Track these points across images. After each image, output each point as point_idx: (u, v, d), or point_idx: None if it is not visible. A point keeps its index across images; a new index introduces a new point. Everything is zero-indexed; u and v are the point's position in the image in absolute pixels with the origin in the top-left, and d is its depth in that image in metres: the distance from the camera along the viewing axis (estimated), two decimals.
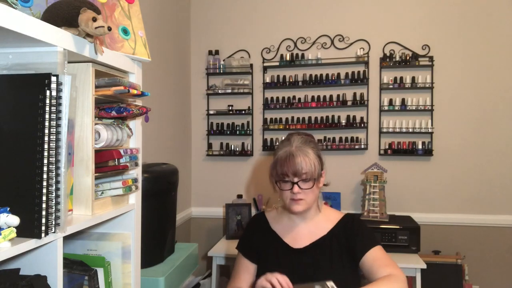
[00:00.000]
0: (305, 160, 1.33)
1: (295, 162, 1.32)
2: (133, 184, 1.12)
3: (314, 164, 1.34)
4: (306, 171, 1.32)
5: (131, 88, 1.03)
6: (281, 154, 1.37)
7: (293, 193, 1.34)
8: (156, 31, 2.56)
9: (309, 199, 1.36)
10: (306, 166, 1.32)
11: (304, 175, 1.33)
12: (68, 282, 1.03)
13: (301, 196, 1.34)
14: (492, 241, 2.86)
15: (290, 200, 1.36)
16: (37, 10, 0.90)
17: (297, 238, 1.43)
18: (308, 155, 1.34)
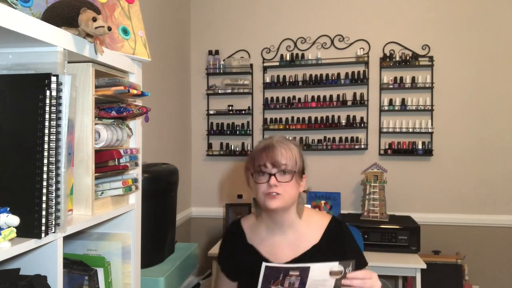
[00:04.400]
0: (286, 152, 1.23)
1: (275, 153, 1.22)
2: (133, 184, 1.12)
3: (295, 158, 1.24)
4: (285, 162, 1.21)
5: (131, 88, 1.03)
6: (260, 145, 1.27)
7: (270, 186, 1.21)
8: (156, 31, 2.56)
9: (286, 196, 1.22)
10: (286, 157, 1.22)
11: (284, 166, 1.21)
12: (68, 282, 1.03)
13: (278, 190, 1.21)
14: (492, 241, 2.86)
15: (266, 195, 1.22)
16: (37, 10, 0.90)
17: (277, 252, 1.29)
18: (290, 148, 1.25)
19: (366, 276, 1.09)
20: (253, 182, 1.28)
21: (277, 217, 1.29)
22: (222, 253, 1.41)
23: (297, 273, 1.02)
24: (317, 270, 1.03)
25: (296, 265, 1.04)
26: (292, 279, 1.03)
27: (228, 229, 1.45)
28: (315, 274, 1.03)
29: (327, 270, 1.04)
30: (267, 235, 1.32)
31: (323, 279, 1.04)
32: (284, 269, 1.03)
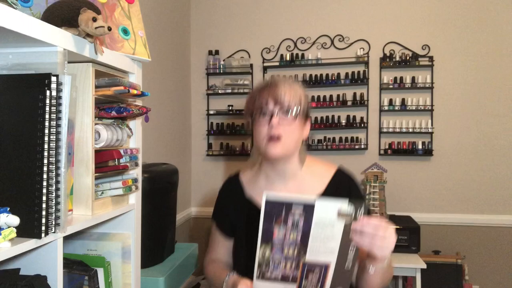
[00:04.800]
0: (289, 91, 1.13)
1: (278, 90, 1.13)
2: (133, 184, 1.12)
3: (300, 97, 1.15)
4: (288, 101, 1.12)
5: (131, 88, 1.03)
6: (261, 84, 1.19)
7: (271, 127, 1.12)
8: (156, 31, 2.56)
9: (288, 141, 1.13)
10: (290, 95, 1.13)
11: (287, 105, 1.12)
12: (68, 282, 1.03)
13: (280, 132, 1.11)
14: (492, 241, 2.86)
15: (267, 141, 1.13)
16: (37, 10, 0.90)
17: None
18: (294, 87, 1.16)
19: (381, 223, 0.94)
20: (252, 126, 1.19)
21: (278, 166, 1.20)
22: (218, 209, 1.34)
23: (301, 210, 0.93)
24: (323, 208, 0.93)
25: (299, 197, 0.93)
26: (296, 217, 0.93)
27: (225, 184, 1.36)
28: (321, 213, 0.93)
29: (335, 209, 0.93)
30: (267, 186, 1.24)
31: (330, 221, 0.93)
32: (286, 201, 0.93)
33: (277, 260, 0.98)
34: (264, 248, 0.98)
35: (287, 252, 0.97)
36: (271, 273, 1.00)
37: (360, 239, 0.94)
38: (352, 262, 0.98)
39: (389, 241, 0.94)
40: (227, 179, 1.36)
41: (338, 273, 0.98)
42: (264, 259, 0.98)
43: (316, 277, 0.99)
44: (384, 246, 0.94)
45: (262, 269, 0.99)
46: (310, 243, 0.96)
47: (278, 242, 0.97)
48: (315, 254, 0.96)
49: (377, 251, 0.95)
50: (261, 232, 0.96)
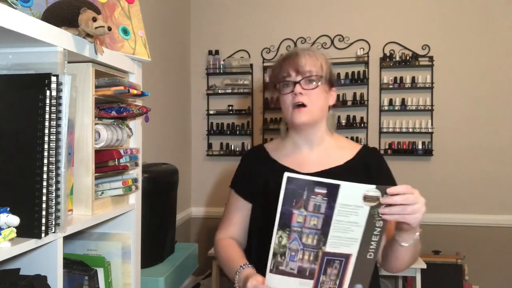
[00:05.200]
0: (311, 58, 1.15)
1: (298, 59, 1.14)
2: (133, 184, 1.12)
3: (321, 64, 1.16)
4: (310, 68, 1.13)
5: (131, 88, 1.03)
6: (282, 56, 1.20)
7: (295, 95, 1.13)
8: (156, 31, 2.56)
9: (314, 107, 1.13)
10: (311, 63, 1.14)
11: (308, 72, 1.13)
12: (68, 282, 1.03)
13: (304, 100, 1.12)
14: (492, 241, 2.86)
15: (292, 109, 1.14)
16: (37, 10, 0.90)
17: (304, 164, 1.18)
18: (315, 55, 1.17)
19: (408, 190, 0.89)
20: (278, 96, 1.20)
21: (306, 133, 1.19)
22: (240, 174, 1.30)
23: (324, 192, 0.85)
24: (348, 191, 0.85)
25: (324, 180, 0.85)
26: (318, 200, 0.85)
27: (249, 151, 1.36)
28: (345, 196, 0.85)
29: (361, 193, 0.86)
30: (293, 151, 1.22)
31: (355, 204, 0.86)
32: (308, 183, 0.85)
33: (294, 249, 0.90)
34: (281, 235, 0.89)
35: (305, 240, 0.89)
36: (287, 265, 0.91)
37: (390, 212, 0.87)
38: (375, 250, 0.91)
39: (420, 206, 0.90)
40: (250, 149, 1.37)
41: (359, 264, 0.91)
42: (279, 247, 0.89)
43: (335, 272, 0.91)
44: (416, 212, 0.89)
45: (277, 260, 0.90)
46: (332, 231, 0.88)
47: (296, 228, 0.88)
48: (336, 243, 0.89)
49: (410, 220, 0.89)
50: (279, 215, 0.87)
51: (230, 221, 1.26)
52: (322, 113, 1.17)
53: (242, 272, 1.05)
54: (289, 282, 0.92)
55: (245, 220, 1.25)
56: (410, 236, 0.96)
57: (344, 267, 0.91)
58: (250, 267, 1.06)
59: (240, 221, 1.25)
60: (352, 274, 0.91)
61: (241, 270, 1.06)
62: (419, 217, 0.90)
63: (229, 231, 1.25)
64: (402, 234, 0.96)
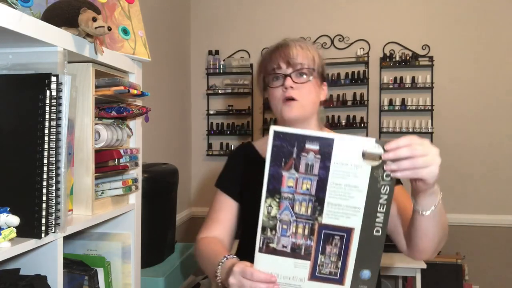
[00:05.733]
0: (303, 50, 1.08)
1: (289, 50, 1.07)
2: (133, 184, 1.12)
3: (314, 57, 1.09)
4: (302, 60, 1.06)
5: (131, 88, 1.03)
6: (271, 46, 1.14)
7: (285, 89, 1.05)
8: (156, 31, 2.56)
9: (304, 101, 1.07)
10: (302, 55, 1.07)
11: (300, 65, 1.06)
12: (68, 282, 1.03)
13: (295, 94, 1.05)
14: (492, 241, 2.86)
15: (282, 103, 1.06)
16: (37, 10, 0.90)
17: None
18: (307, 46, 1.10)
19: (413, 141, 0.73)
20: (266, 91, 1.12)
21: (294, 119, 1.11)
22: (227, 173, 1.22)
23: (316, 148, 0.73)
24: (344, 147, 0.73)
25: (314, 133, 0.74)
26: (310, 158, 0.74)
27: (237, 149, 1.28)
28: (342, 153, 0.73)
29: (359, 149, 0.73)
30: None
31: (353, 163, 0.74)
32: (297, 137, 0.74)
33: (286, 221, 0.77)
34: (270, 203, 0.77)
35: (298, 209, 0.76)
36: (278, 241, 0.78)
37: (398, 168, 0.73)
38: (382, 225, 0.76)
39: (433, 157, 0.74)
40: (238, 146, 1.28)
41: (365, 243, 0.76)
42: (269, 219, 0.77)
43: (335, 251, 0.77)
44: (430, 164, 0.74)
45: (267, 236, 0.77)
46: (328, 197, 0.75)
47: (287, 194, 0.76)
48: (335, 213, 0.76)
49: (424, 174, 0.74)
50: (266, 178, 0.75)
51: (215, 220, 1.15)
52: (313, 108, 1.11)
53: (226, 263, 0.91)
54: (281, 263, 0.78)
55: (232, 220, 1.15)
56: (430, 200, 0.82)
57: (346, 245, 0.77)
58: (235, 258, 0.92)
59: (226, 220, 1.14)
60: (357, 255, 0.77)
61: (225, 260, 0.92)
62: (435, 170, 0.74)
63: (213, 230, 1.13)
64: (420, 198, 0.83)
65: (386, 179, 0.74)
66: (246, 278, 0.78)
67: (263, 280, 0.77)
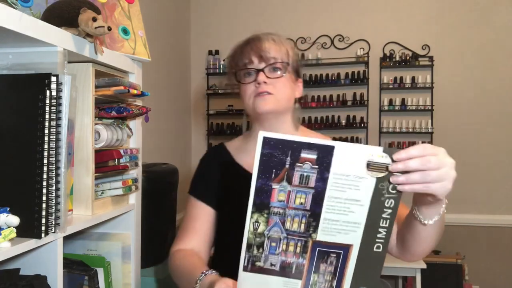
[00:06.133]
0: (276, 45, 1.02)
1: (261, 44, 1.01)
2: (133, 184, 1.12)
3: (287, 51, 1.03)
4: (275, 55, 1.00)
5: (131, 88, 1.03)
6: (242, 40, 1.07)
7: (258, 85, 0.99)
8: (156, 31, 2.56)
9: (279, 95, 0.99)
10: (276, 49, 1.01)
11: (273, 59, 1.00)
12: (68, 282, 1.02)
13: (269, 89, 0.98)
14: (492, 241, 2.86)
15: (254, 97, 0.99)
16: (37, 10, 0.90)
17: None
18: (281, 41, 1.04)
19: (426, 151, 0.66)
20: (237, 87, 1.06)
21: (270, 127, 1.04)
22: (200, 179, 1.12)
23: (313, 157, 0.64)
24: (346, 155, 0.64)
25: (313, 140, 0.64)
26: (306, 169, 0.64)
27: (208, 152, 1.18)
28: (343, 163, 0.64)
29: (364, 158, 0.64)
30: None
31: (355, 175, 0.65)
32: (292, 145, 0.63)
33: (275, 238, 0.68)
34: (256, 219, 0.67)
35: (290, 226, 0.68)
36: (266, 259, 0.69)
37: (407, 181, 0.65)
38: (384, 240, 0.68)
39: (448, 171, 0.68)
40: (209, 149, 1.19)
41: (364, 259, 0.69)
42: (255, 236, 0.68)
43: (330, 269, 0.70)
44: (443, 179, 0.67)
45: (253, 254, 0.69)
46: (325, 212, 0.67)
47: (277, 209, 0.67)
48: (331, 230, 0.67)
49: (435, 190, 0.66)
50: (253, 192, 0.66)
51: (190, 229, 1.05)
52: (288, 103, 1.03)
53: (205, 279, 0.82)
54: (269, 282, 0.70)
55: (209, 229, 1.06)
56: (435, 210, 0.75)
57: (342, 263, 0.69)
58: (215, 273, 0.84)
59: (202, 229, 1.05)
60: (354, 273, 0.70)
61: (203, 277, 0.83)
62: (447, 185, 0.67)
63: (189, 241, 1.03)
64: (424, 209, 0.76)
65: (392, 192, 0.66)
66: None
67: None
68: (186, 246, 1.02)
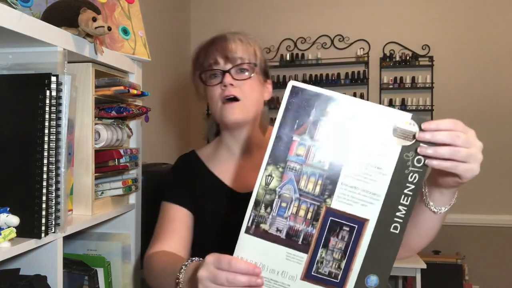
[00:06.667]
0: (243, 45, 0.98)
1: (227, 44, 0.96)
2: (133, 184, 1.12)
3: (255, 51, 0.99)
4: (242, 55, 0.96)
5: (131, 88, 1.03)
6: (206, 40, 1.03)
7: (224, 87, 0.93)
8: (156, 31, 2.56)
9: (248, 102, 0.94)
10: (243, 49, 0.97)
11: (240, 60, 0.95)
12: (68, 282, 1.03)
13: (236, 93, 0.93)
14: (492, 241, 2.85)
15: (222, 104, 0.94)
16: (37, 10, 0.90)
17: (243, 178, 1.00)
18: (249, 41, 1.00)
19: (457, 126, 0.62)
20: (203, 90, 1.00)
21: (240, 134, 1.00)
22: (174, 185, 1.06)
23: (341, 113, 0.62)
24: (374, 117, 0.61)
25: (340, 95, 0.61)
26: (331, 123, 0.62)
27: (180, 162, 1.10)
28: (369, 124, 0.61)
29: (391, 122, 0.61)
30: (229, 159, 1.03)
31: (381, 139, 0.61)
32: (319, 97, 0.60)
33: (287, 198, 0.63)
34: (270, 172, 0.62)
35: (304, 185, 0.62)
36: (272, 222, 0.63)
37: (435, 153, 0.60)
38: (403, 221, 0.63)
39: (477, 152, 0.63)
40: (179, 157, 1.11)
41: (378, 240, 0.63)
42: (265, 192, 0.63)
43: (340, 246, 0.64)
44: (472, 160, 0.62)
45: (259, 213, 0.63)
46: (344, 175, 0.62)
47: (294, 163, 0.62)
48: (349, 197, 0.62)
49: (462, 170, 0.62)
50: (273, 140, 0.62)
51: (167, 231, 0.97)
52: (257, 108, 0.98)
53: (190, 266, 0.74)
54: (271, 250, 0.63)
55: (187, 230, 0.98)
56: (449, 197, 0.70)
57: (355, 239, 0.63)
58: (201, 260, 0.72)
59: (180, 229, 0.97)
60: (366, 254, 0.63)
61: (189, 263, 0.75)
62: (476, 168, 0.64)
63: (165, 243, 0.94)
64: (438, 195, 0.70)
65: (417, 165, 0.61)
66: (221, 269, 0.61)
67: (243, 271, 0.60)
68: (164, 248, 0.93)
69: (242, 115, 0.94)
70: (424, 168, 0.62)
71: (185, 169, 1.06)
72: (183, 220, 0.98)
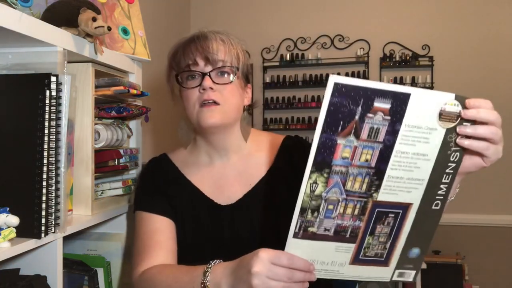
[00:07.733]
0: (225, 46, 0.91)
1: (208, 44, 0.89)
2: (133, 184, 1.12)
3: (238, 54, 0.92)
4: (223, 57, 0.89)
5: (131, 88, 1.03)
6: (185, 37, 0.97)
7: (203, 91, 0.87)
8: (156, 31, 2.56)
9: (227, 106, 0.89)
10: (224, 51, 0.90)
11: (221, 62, 0.89)
12: (68, 282, 1.02)
13: (216, 97, 0.87)
14: (492, 241, 2.85)
15: (200, 107, 0.88)
16: (37, 10, 0.90)
17: (223, 187, 0.94)
18: (231, 42, 0.93)
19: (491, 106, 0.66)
20: (178, 91, 0.95)
21: (218, 140, 0.95)
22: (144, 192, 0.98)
23: (387, 106, 0.57)
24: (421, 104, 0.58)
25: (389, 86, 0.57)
26: (377, 120, 0.58)
27: (150, 166, 1.02)
28: (416, 113, 0.58)
29: (437, 107, 0.59)
30: (206, 165, 0.97)
31: (427, 126, 0.59)
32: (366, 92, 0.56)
33: (333, 200, 0.62)
34: (315, 179, 0.60)
35: (351, 186, 0.61)
36: (320, 225, 0.63)
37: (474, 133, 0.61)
38: (443, 197, 0.66)
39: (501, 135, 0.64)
40: (150, 161, 1.03)
41: (421, 218, 0.65)
42: (311, 199, 0.61)
43: (386, 230, 0.65)
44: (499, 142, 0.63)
45: (306, 218, 0.62)
46: (390, 168, 0.61)
47: (340, 167, 0.60)
48: (394, 188, 0.62)
49: (493, 153, 0.63)
50: (315, 147, 0.58)
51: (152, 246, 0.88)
52: (236, 114, 0.93)
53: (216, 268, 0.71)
54: (320, 247, 0.64)
55: (173, 239, 0.91)
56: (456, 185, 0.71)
57: (400, 223, 0.64)
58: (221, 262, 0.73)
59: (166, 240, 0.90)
60: (409, 233, 0.65)
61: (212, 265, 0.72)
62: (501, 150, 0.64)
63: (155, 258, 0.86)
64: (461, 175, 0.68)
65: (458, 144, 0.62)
66: (280, 265, 0.62)
67: (301, 268, 0.62)
68: (154, 263, 0.84)
69: (221, 119, 0.89)
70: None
71: (156, 174, 0.99)
72: (167, 230, 0.91)
